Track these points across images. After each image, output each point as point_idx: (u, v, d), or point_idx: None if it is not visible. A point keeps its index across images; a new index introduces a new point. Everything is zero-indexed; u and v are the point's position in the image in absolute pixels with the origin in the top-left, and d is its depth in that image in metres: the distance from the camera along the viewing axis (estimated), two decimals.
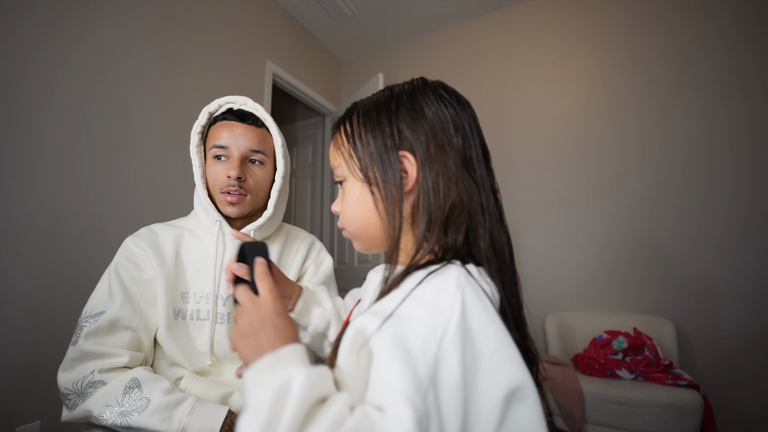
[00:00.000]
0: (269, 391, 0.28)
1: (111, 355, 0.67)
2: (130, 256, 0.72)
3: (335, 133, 0.50)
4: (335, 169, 0.49)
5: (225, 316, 0.74)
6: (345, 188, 0.48)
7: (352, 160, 0.46)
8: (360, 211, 0.46)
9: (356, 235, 0.49)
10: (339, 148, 0.48)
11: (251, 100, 0.76)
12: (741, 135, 1.78)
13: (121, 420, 0.60)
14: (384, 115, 0.45)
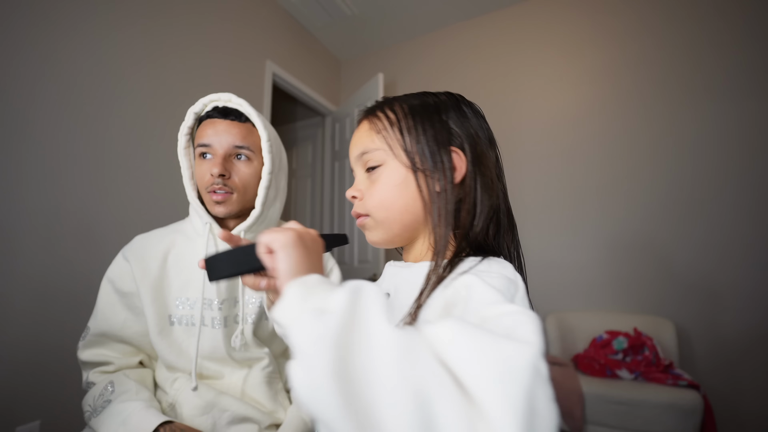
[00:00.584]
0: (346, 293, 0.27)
1: (103, 363, 0.73)
2: (116, 270, 0.75)
3: (369, 118, 0.51)
4: (369, 153, 0.49)
5: (221, 320, 0.73)
6: (380, 173, 0.48)
7: (397, 146, 0.47)
8: (399, 198, 0.47)
9: (384, 222, 0.48)
10: (379, 132, 0.49)
11: (235, 96, 0.74)
12: (749, 136, 1.77)
13: (90, 420, 0.66)
14: (434, 112, 0.50)
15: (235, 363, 0.75)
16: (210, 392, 0.70)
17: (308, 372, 0.23)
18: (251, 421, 0.70)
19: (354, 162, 0.52)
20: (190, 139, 0.78)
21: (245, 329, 0.74)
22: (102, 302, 0.74)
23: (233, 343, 0.73)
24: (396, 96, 0.53)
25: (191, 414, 0.67)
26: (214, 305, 0.73)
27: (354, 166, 0.53)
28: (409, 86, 2.73)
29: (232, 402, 0.70)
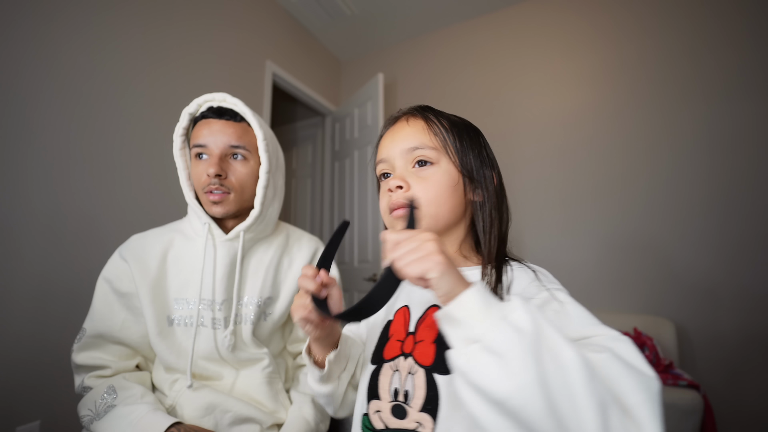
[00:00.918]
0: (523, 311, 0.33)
1: (99, 367, 0.71)
2: (113, 269, 0.73)
3: (422, 117, 0.54)
4: (424, 149, 0.51)
5: (221, 320, 0.73)
6: (434, 171, 0.51)
7: (452, 151, 0.52)
8: (450, 198, 0.51)
9: (432, 217, 0.50)
10: (437, 134, 0.52)
11: (230, 96, 0.74)
12: (746, 136, 1.77)
13: (92, 424, 0.65)
14: (475, 134, 0.56)
15: (235, 363, 0.74)
16: (211, 393, 0.70)
17: (515, 377, 0.30)
18: (253, 422, 0.70)
19: (398, 154, 0.52)
20: (185, 139, 0.78)
21: (244, 330, 0.74)
22: (99, 303, 0.72)
23: (221, 343, 0.72)
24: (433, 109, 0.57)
25: (193, 415, 0.67)
26: (214, 306, 0.73)
27: (395, 158, 0.53)
28: (409, 86, 2.73)
29: (234, 403, 0.70)
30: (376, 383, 0.50)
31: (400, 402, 0.46)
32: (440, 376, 0.44)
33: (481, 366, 0.32)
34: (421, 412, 0.44)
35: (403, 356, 0.49)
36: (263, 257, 0.80)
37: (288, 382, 0.84)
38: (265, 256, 0.80)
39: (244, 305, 0.76)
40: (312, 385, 0.55)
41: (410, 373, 0.47)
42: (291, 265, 0.83)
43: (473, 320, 0.34)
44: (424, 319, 0.50)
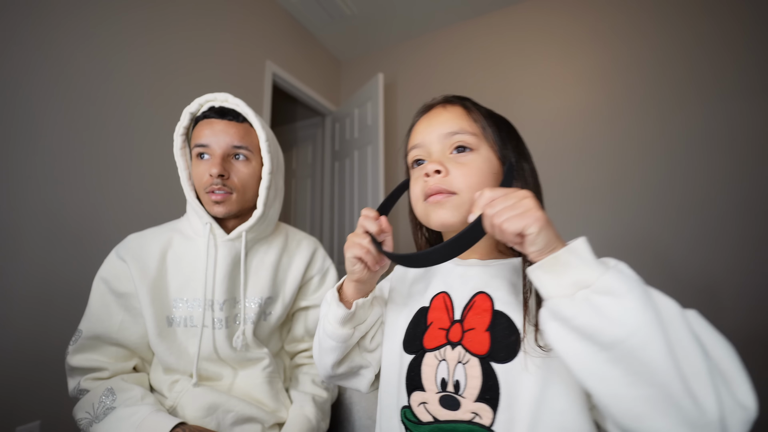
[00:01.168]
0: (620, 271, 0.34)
1: (95, 369, 0.70)
2: (111, 269, 0.73)
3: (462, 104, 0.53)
4: (464, 134, 0.50)
5: (223, 321, 0.73)
6: (474, 158, 0.49)
7: (491, 139, 0.51)
8: (492, 184, 0.49)
9: (468, 202, 0.47)
10: (476, 121, 0.51)
11: (232, 96, 0.74)
12: (741, 135, 1.78)
13: (90, 427, 0.64)
14: (512, 128, 0.55)
15: (236, 363, 0.74)
16: (213, 393, 0.70)
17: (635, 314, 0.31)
18: (255, 421, 0.70)
19: (436, 139, 0.51)
20: (186, 139, 0.77)
21: (246, 329, 0.74)
22: (96, 303, 0.72)
23: (235, 343, 0.72)
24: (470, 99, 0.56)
25: (195, 416, 0.67)
26: (215, 306, 0.73)
27: (432, 143, 0.51)
28: (409, 86, 2.73)
29: (236, 402, 0.70)
30: (418, 374, 0.48)
31: (450, 392, 0.45)
32: (498, 364, 0.43)
33: (595, 308, 0.32)
34: (478, 402, 0.43)
35: (450, 345, 0.47)
36: (264, 257, 0.80)
37: (286, 381, 0.84)
38: (266, 257, 0.80)
39: (246, 305, 0.76)
40: (330, 326, 0.52)
41: (460, 362, 0.45)
42: (290, 266, 0.83)
43: (584, 265, 0.34)
44: (471, 306, 0.48)
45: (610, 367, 0.31)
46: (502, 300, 0.47)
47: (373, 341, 0.56)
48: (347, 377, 0.57)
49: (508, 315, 0.45)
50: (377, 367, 0.56)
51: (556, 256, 0.35)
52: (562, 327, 0.34)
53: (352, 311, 0.51)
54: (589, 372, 0.32)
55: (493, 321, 0.45)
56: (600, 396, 0.32)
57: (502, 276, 0.49)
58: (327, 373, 0.56)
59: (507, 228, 0.36)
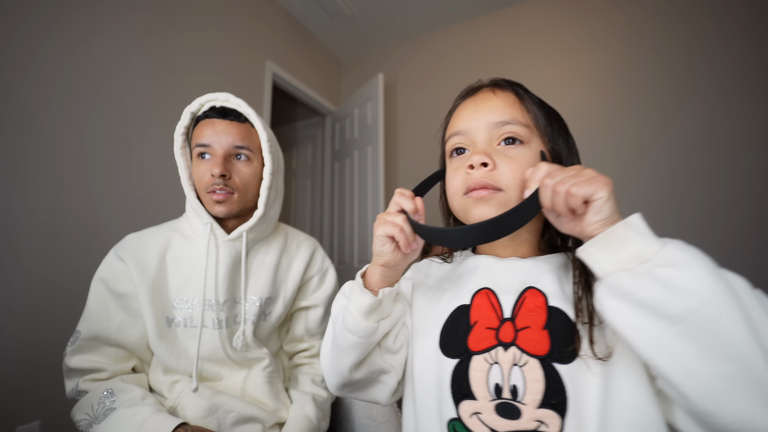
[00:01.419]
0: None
1: (94, 370, 0.69)
2: (110, 270, 0.72)
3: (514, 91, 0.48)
4: (516, 125, 0.45)
5: (223, 321, 0.72)
6: (525, 152, 0.45)
7: (543, 133, 0.47)
8: None
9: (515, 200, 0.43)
10: (528, 111, 0.47)
11: (233, 96, 0.74)
12: (742, 135, 1.77)
13: (90, 428, 0.63)
14: (561, 119, 0.51)
15: (236, 364, 0.74)
16: (213, 394, 0.69)
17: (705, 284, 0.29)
18: (256, 421, 0.70)
19: (483, 127, 0.46)
20: (186, 139, 0.77)
21: (246, 330, 0.74)
22: (94, 304, 0.71)
23: (235, 343, 0.72)
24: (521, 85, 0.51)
25: (195, 416, 0.67)
26: (216, 306, 0.73)
27: (478, 132, 0.46)
28: (409, 86, 2.73)
29: (237, 402, 0.70)
30: (466, 380, 0.42)
31: (507, 399, 0.40)
32: (561, 365, 0.39)
33: (659, 280, 0.30)
34: (542, 409, 0.38)
35: (502, 346, 0.42)
36: (264, 258, 0.80)
37: (286, 381, 0.84)
38: (266, 257, 0.80)
39: (246, 305, 0.76)
40: (351, 319, 0.45)
41: (516, 364, 0.40)
42: (290, 266, 0.83)
43: (643, 239, 0.32)
44: (521, 302, 0.43)
45: (681, 343, 0.29)
46: (555, 295, 0.42)
47: (397, 341, 0.49)
48: (364, 386, 0.50)
49: (564, 311, 0.41)
50: (400, 373, 0.49)
51: (611, 230, 0.33)
52: (624, 303, 0.31)
53: (379, 299, 0.45)
54: (658, 350, 0.30)
55: (550, 318, 0.41)
56: (672, 377, 0.29)
57: (550, 271, 0.44)
58: (342, 378, 0.48)
59: (576, 192, 0.34)
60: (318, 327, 0.86)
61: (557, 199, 0.35)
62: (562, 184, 0.35)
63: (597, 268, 0.35)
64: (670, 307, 0.29)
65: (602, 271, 0.34)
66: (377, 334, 0.46)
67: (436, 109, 2.55)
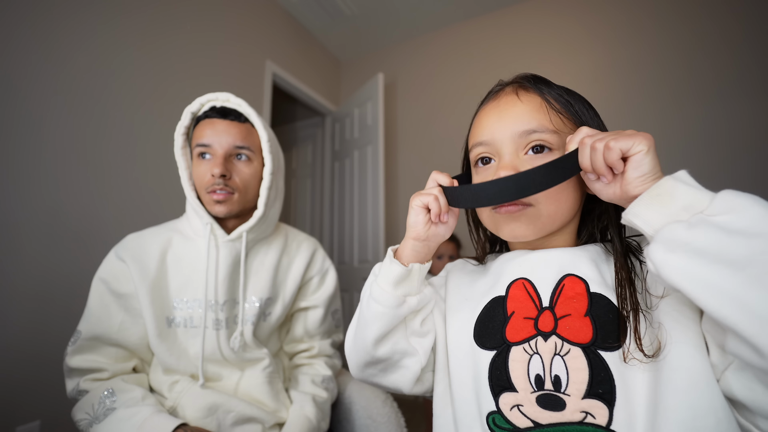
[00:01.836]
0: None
1: (95, 370, 0.69)
2: (110, 270, 0.72)
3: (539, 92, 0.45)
4: (544, 133, 0.42)
5: (223, 321, 0.72)
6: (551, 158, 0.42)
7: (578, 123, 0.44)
8: (572, 192, 0.43)
9: (550, 216, 0.43)
10: (557, 113, 0.44)
11: (234, 96, 0.74)
12: (742, 135, 1.77)
13: (90, 428, 0.63)
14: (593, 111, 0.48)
15: (236, 364, 0.74)
16: (213, 394, 0.70)
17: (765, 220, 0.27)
18: (256, 421, 0.70)
19: (509, 138, 0.43)
20: (186, 139, 0.77)
21: (245, 330, 0.74)
22: (95, 304, 0.71)
23: (232, 344, 0.72)
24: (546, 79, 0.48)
25: (195, 416, 0.67)
26: (216, 306, 0.73)
27: (503, 143, 0.44)
28: (409, 86, 2.73)
29: (237, 403, 0.70)
30: (505, 371, 0.41)
31: (549, 391, 0.38)
32: (607, 353, 0.37)
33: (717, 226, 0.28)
34: (588, 399, 0.36)
35: (542, 336, 0.40)
36: (264, 258, 0.80)
37: (286, 381, 0.84)
38: (266, 257, 0.80)
39: (245, 306, 0.76)
40: (378, 289, 0.45)
41: (558, 354, 0.39)
42: (290, 266, 0.83)
43: (694, 190, 0.31)
44: (560, 290, 0.42)
45: (751, 288, 0.26)
46: (596, 281, 0.41)
47: (424, 324, 0.49)
48: (386, 368, 0.48)
49: (607, 297, 0.39)
50: (424, 360, 0.48)
51: (658, 184, 0.32)
52: (682, 256, 0.29)
53: (408, 269, 0.45)
54: (727, 302, 0.27)
55: (591, 304, 0.40)
56: (744, 328, 0.27)
57: (588, 258, 0.43)
58: (365, 354, 0.47)
59: (614, 145, 0.33)
60: (318, 328, 0.85)
61: (595, 155, 0.35)
62: (601, 141, 0.34)
63: (646, 227, 0.33)
64: (734, 251, 0.27)
65: (653, 228, 0.32)
66: (404, 307, 0.45)
67: (436, 109, 2.55)
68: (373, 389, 0.88)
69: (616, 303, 0.39)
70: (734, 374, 0.32)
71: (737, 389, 0.31)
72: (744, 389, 0.31)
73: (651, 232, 0.33)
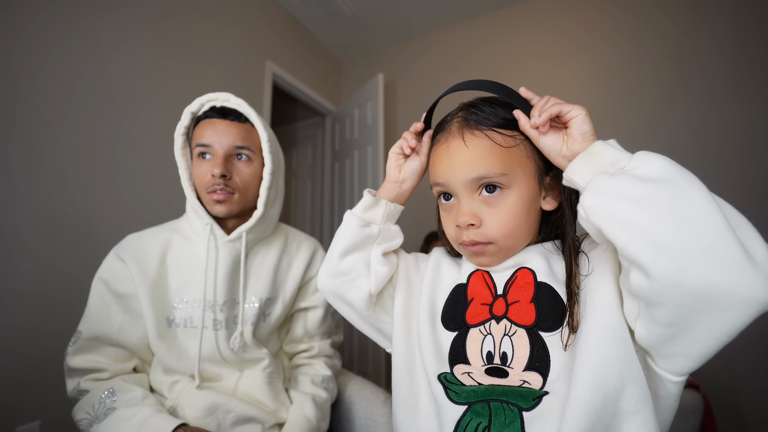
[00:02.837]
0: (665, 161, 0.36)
1: (95, 370, 0.70)
2: (110, 270, 0.73)
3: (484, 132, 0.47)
4: (489, 177, 0.46)
5: (222, 322, 0.72)
6: (505, 198, 0.46)
7: (528, 167, 0.48)
8: (526, 221, 0.48)
9: (510, 248, 0.49)
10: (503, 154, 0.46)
11: (234, 96, 0.74)
12: (745, 135, 1.77)
13: (90, 427, 0.63)
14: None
15: (235, 364, 0.74)
16: (213, 394, 0.70)
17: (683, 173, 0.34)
18: (255, 421, 0.70)
19: (461, 184, 0.47)
20: (186, 139, 0.77)
21: (245, 330, 0.74)
22: (95, 304, 0.71)
23: (231, 344, 0.72)
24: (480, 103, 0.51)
25: (195, 416, 0.67)
26: (215, 307, 0.73)
27: (457, 187, 0.48)
28: (409, 86, 2.73)
29: (237, 403, 0.70)
30: (463, 349, 0.48)
31: (497, 364, 0.46)
32: (546, 333, 0.44)
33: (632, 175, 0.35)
34: (527, 371, 0.44)
35: (495, 319, 0.48)
36: (264, 258, 0.80)
37: (286, 381, 0.84)
38: (266, 258, 0.80)
39: (245, 306, 0.76)
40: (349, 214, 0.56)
41: (507, 334, 0.46)
42: (290, 266, 0.83)
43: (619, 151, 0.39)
44: (513, 280, 0.49)
45: (655, 221, 0.32)
46: (543, 272, 0.48)
47: (386, 257, 0.57)
48: (345, 284, 0.55)
49: (551, 285, 0.46)
50: (374, 286, 0.54)
51: (591, 146, 0.40)
52: (605, 199, 0.35)
53: (376, 200, 0.56)
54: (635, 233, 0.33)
55: (537, 292, 0.47)
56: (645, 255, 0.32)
57: (538, 252, 0.50)
58: (332, 266, 0.56)
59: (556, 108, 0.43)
60: (318, 328, 0.85)
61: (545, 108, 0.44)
62: (548, 103, 0.44)
63: (581, 180, 0.40)
64: (643, 193, 0.33)
65: (585, 181, 0.39)
66: (366, 230, 0.55)
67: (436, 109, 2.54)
68: (373, 389, 0.89)
69: (558, 291, 0.46)
70: (640, 323, 0.37)
71: (643, 336, 0.37)
72: (646, 333, 0.36)
73: (584, 184, 0.39)
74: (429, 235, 1.88)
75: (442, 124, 0.54)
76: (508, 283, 0.49)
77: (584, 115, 0.42)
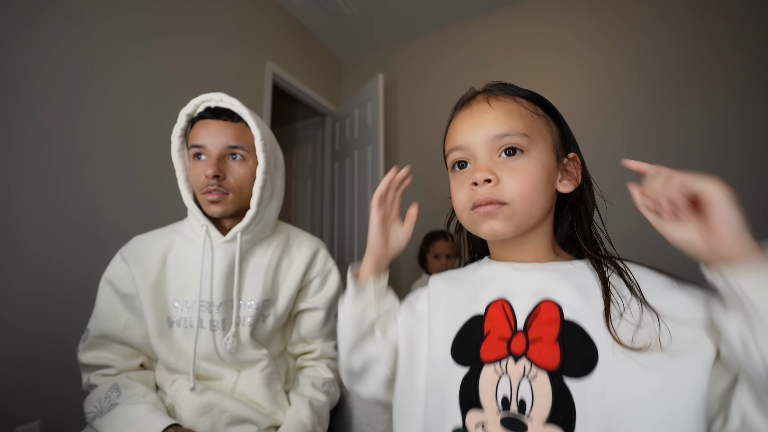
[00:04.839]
0: None
1: (104, 366, 0.73)
2: (115, 271, 0.74)
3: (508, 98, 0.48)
4: (514, 136, 0.45)
5: (220, 323, 0.73)
6: (525, 162, 0.45)
7: (547, 137, 0.47)
8: (544, 191, 0.46)
9: (525, 214, 0.45)
10: (526, 117, 0.46)
11: (227, 96, 0.74)
12: (747, 136, 1.77)
13: (95, 420, 0.67)
14: (558, 114, 0.51)
15: (233, 365, 0.74)
16: (209, 393, 0.70)
17: None
18: (250, 423, 0.70)
19: (482, 142, 0.46)
20: (183, 140, 0.78)
21: (242, 331, 0.74)
22: (102, 304, 0.74)
23: (224, 345, 0.72)
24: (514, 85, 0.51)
25: (190, 415, 0.67)
26: (212, 308, 0.73)
27: (477, 147, 0.46)
28: (409, 86, 2.73)
29: (232, 403, 0.70)
30: (475, 390, 0.42)
31: (513, 414, 0.39)
32: (572, 380, 0.38)
33: None
34: (549, 424, 0.38)
35: (513, 357, 0.41)
36: (262, 259, 0.79)
37: (288, 383, 0.83)
38: (263, 258, 0.79)
39: (242, 307, 0.76)
40: (343, 304, 0.55)
41: (526, 377, 0.40)
42: (290, 267, 0.82)
43: None
44: (536, 314, 0.43)
45: None
46: (571, 308, 0.42)
47: (388, 331, 0.54)
48: (362, 375, 0.54)
49: (579, 325, 0.40)
50: (390, 365, 0.52)
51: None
52: None
53: (362, 287, 0.54)
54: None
55: (563, 331, 0.40)
56: None
57: (568, 281, 0.44)
58: (345, 362, 0.54)
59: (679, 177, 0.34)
60: (319, 330, 0.85)
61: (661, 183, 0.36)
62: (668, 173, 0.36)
63: (747, 304, 0.31)
64: None
65: (754, 309, 0.31)
66: (366, 317, 0.53)
67: (436, 109, 2.54)
68: None
69: (588, 331, 0.40)
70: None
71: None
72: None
73: (751, 311, 0.31)
74: (429, 234, 1.88)
75: (462, 100, 0.52)
76: (530, 316, 0.43)
77: (728, 201, 0.32)
